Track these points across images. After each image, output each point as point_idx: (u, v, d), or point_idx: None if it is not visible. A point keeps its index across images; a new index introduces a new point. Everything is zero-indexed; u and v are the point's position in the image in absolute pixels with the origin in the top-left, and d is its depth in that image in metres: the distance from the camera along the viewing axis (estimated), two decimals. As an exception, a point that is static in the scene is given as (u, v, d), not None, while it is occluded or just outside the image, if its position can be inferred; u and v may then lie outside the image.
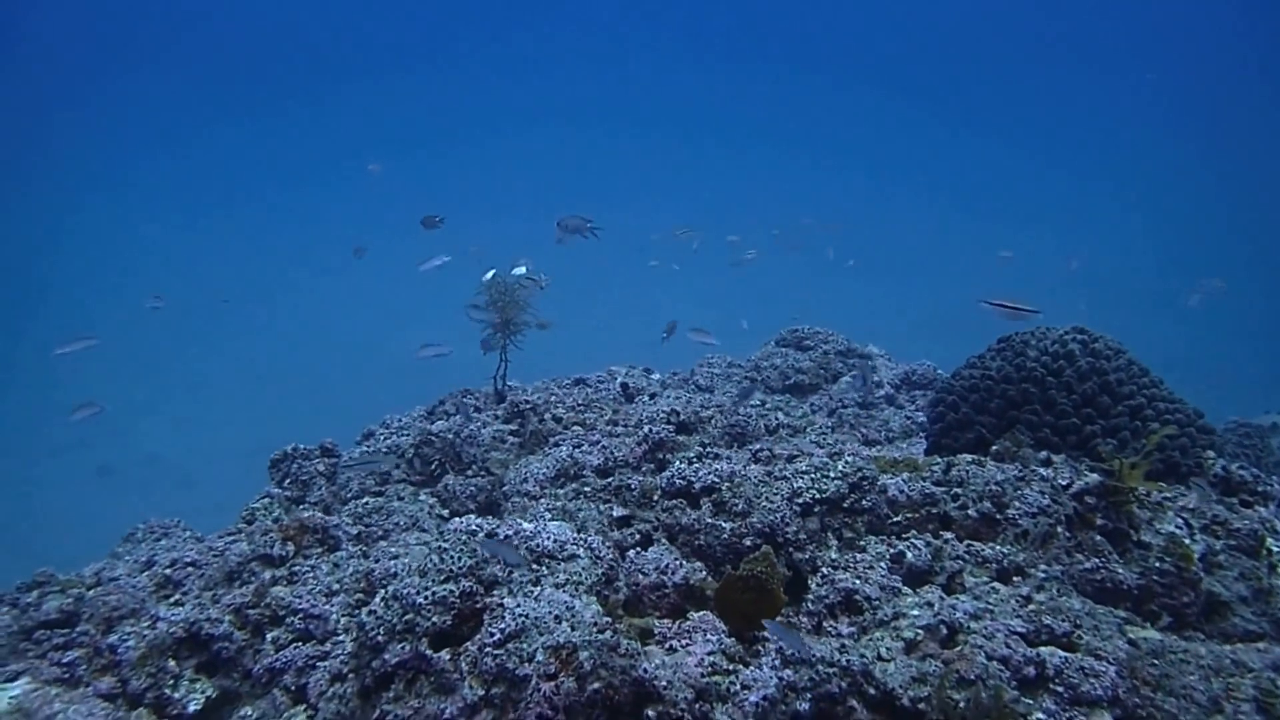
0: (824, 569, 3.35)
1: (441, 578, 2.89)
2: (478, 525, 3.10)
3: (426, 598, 2.82)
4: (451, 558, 2.94)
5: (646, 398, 6.00)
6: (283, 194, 40.54)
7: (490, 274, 6.03)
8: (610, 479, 4.19)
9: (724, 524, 3.54)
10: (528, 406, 5.24)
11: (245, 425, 20.08)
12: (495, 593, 2.93)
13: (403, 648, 2.75)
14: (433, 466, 4.99)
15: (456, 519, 3.19)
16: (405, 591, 2.85)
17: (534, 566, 3.05)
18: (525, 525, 3.16)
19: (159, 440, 20.30)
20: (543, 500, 4.11)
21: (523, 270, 6.16)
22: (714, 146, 45.51)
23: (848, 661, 2.78)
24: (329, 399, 20.21)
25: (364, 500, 4.66)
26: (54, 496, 17.05)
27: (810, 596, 3.25)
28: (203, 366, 24.53)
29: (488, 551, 2.97)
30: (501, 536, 3.08)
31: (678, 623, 3.07)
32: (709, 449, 4.25)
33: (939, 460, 3.94)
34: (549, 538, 3.10)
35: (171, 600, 3.74)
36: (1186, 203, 37.41)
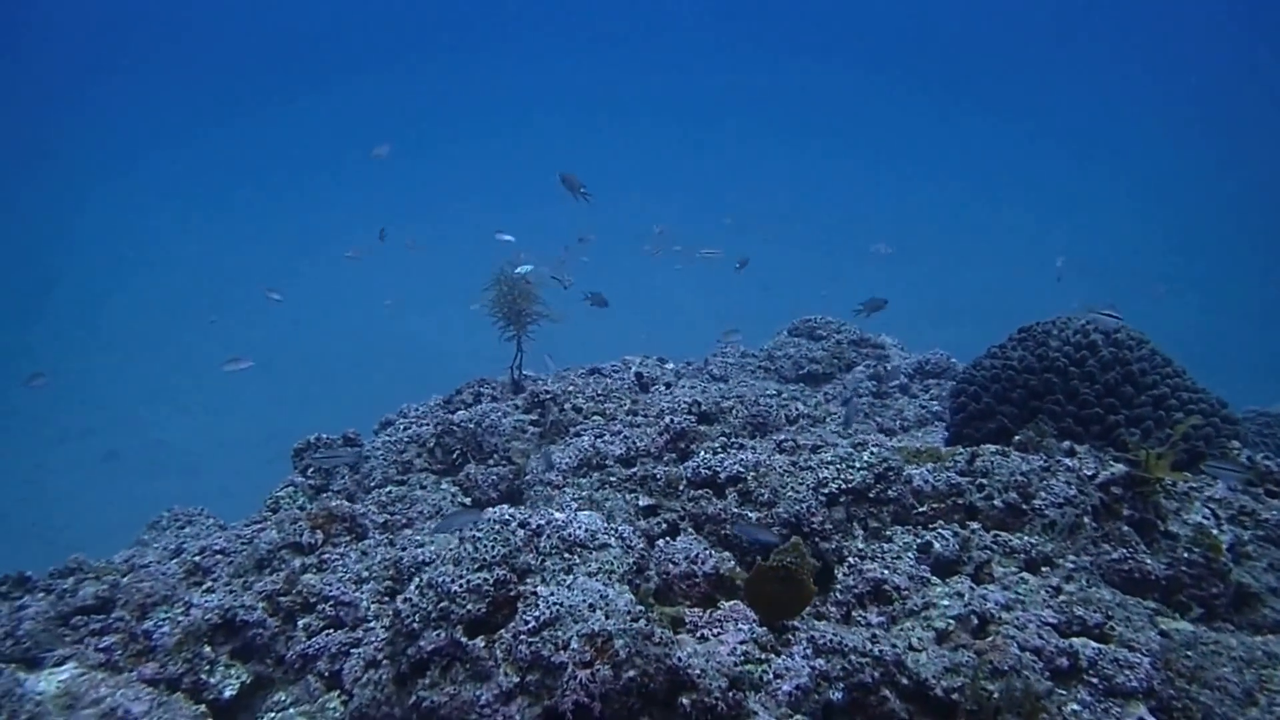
0: (851, 559, 3.37)
1: (475, 566, 2.90)
2: (510, 515, 3.11)
3: (461, 585, 2.83)
4: (485, 546, 2.96)
5: (662, 387, 6.01)
6: (289, 185, 40.48)
7: (520, 269, 6.09)
8: (634, 469, 4.20)
9: (750, 514, 3.56)
10: (548, 396, 5.24)
11: (250, 413, 20.22)
12: (529, 581, 2.94)
13: (438, 635, 2.76)
14: (454, 455, 5.01)
15: (490, 509, 3.20)
16: (440, 579, 2.87)
17: (565, 555, 3.06)
18: (557, 515, 3.17)
19: (165, 427, 20.41)
20: (567, 490, 4.12)
21: (528, 269, 6.25)
22: (719, 135, 45.27)
23: (880, 651, 2.79)
24: (334, 388, 20.31)
25: (387, 489, 4.68)
26: (62, 482, 17.16)
27: (838, 586, 3.27)
28: (209, 354, 24.56)
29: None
30: (534, 526, 3.09)
31: (708, 612, 3.08)
32: (733, 439, 4.26)
33: (962, 450, 3.95)
34: (581, 527, 3.11)
35: (203, 588, 3.77)
36: (1192, 191, 37.21)
